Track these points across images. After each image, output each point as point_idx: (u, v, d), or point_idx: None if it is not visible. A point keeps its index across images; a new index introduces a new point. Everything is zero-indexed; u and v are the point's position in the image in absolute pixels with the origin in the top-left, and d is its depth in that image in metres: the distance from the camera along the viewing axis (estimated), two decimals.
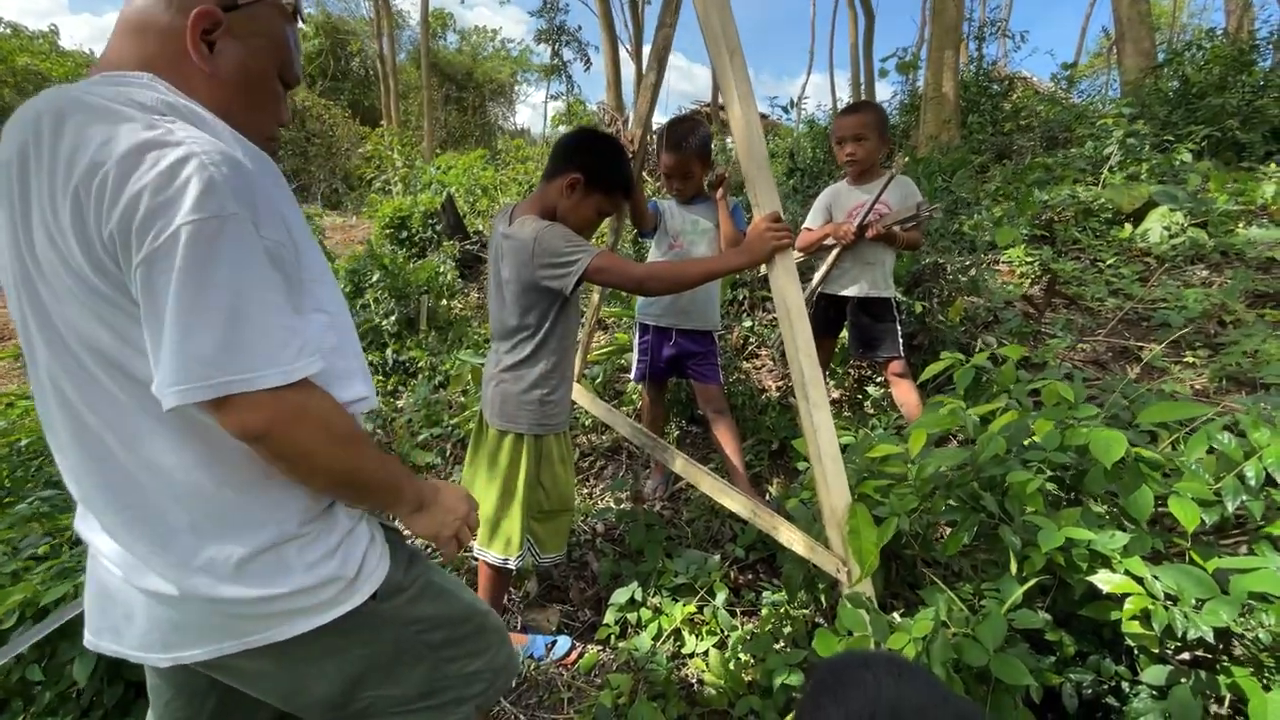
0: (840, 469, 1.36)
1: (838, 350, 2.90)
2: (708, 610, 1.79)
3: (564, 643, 1.86)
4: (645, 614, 1.84)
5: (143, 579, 0.74)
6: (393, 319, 4.37)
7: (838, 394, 3.07)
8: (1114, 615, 1.12)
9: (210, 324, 0.63)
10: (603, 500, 2.65)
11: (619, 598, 1.88)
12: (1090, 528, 1.15)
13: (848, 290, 2.46)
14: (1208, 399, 2.41)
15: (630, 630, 1.86)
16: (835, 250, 2.42)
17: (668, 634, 1.77)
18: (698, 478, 1.86)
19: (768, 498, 2.41)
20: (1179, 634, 1.00)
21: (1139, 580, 1.07)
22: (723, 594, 1.80)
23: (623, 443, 2.99)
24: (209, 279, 0.63)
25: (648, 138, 2.23)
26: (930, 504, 1.36)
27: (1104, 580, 1.09)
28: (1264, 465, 1.10)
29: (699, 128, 2.21)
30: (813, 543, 1.44)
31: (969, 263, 3.17)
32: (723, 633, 1.73)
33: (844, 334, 2.75)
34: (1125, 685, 1.16)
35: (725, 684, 1.54)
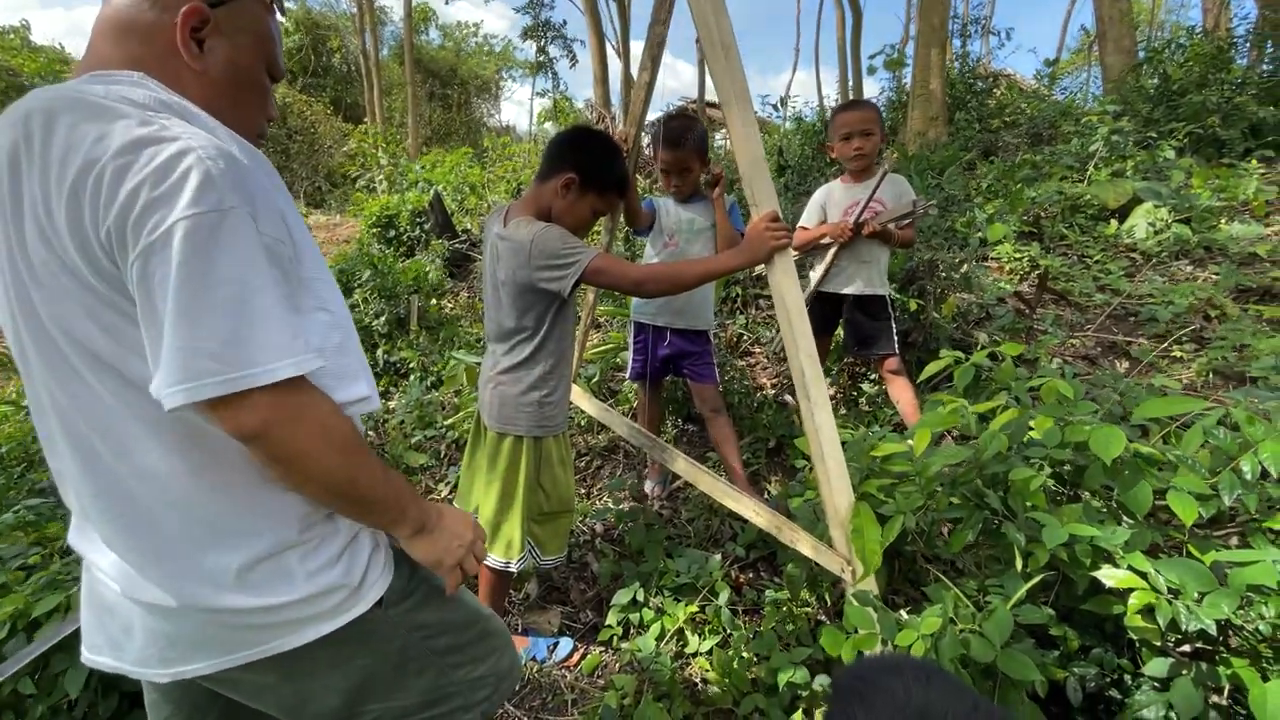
0: (843, 468, 1.36)
1: (832, 348, 2.92)
2: (710, 609, 1.79)
3: (566, 644, 1.86)
4: (648, 614, 1.83)
5: (140, 591, 0.72)
6: (383, 319, 4.33)
7: (832, 391, 3.08)
8: (1116, 609, 1.13)
9: (212, 319, 0.61)
10: (601, 500, 2.65)
11: (621, 598, 1.87)
12: (1091, 523, 1.16)
13: (844, 288, 2.47)
14: (1196, 393, 2.45)
15: (633, 631, 1.86)
16: (833, 249, 2.43)
17: (671, 634, 1.77)
18: (700, 479, 1.86)
19: (766, 496, 2.42)
20: (1182, 627, 1.02)
21: (1142, 575, 1.08)
22: (725, 593, 1.80)
23: (619, 442, 2.98)
24: (209, 273, 0.61)
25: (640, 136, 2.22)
26: (934, 501, 1.37)
27: (1108, 575, 1.11)
28: (1260, 459, 1.12)
29: (695, 124, 2.19)
30: (817, 543, 1.45)
31: (961, 259, 3.19)
32: (725, 632, 1.74)
33: (839, 331, 2.77)
34: (1128, 678, 1.17)
35: (729, 683, 1.55)
